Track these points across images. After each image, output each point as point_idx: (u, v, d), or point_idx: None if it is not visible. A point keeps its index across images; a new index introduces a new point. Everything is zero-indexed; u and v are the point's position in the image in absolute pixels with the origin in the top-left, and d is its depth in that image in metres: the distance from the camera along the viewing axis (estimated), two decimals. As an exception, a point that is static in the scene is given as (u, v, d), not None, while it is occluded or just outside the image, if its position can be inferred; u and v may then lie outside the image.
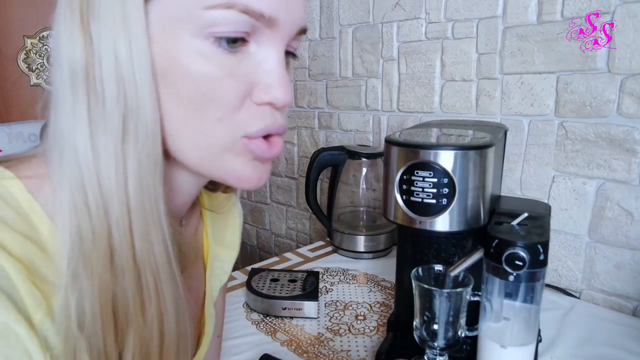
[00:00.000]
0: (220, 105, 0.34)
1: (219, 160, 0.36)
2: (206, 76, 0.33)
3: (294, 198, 1.54)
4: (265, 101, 0.35)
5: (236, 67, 0.33)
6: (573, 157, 0.88)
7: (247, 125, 0.35)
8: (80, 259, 0.32)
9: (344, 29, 1.26)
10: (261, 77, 0.34)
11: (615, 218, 0.85)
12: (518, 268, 0.51)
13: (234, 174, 0.36)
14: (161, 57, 0.32)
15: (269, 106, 0.36)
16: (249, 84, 0.34)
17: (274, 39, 0.34)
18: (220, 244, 0.55)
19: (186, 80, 0.33)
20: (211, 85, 0.33)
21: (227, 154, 0.35)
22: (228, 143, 0.35)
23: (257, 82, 0.35)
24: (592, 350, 0.71)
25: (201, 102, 0.33)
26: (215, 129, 0.34)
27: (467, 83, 1.02)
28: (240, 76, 0.34)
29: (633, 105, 0.80)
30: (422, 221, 0.59)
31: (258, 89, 0.35)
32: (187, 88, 0.33)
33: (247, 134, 0.35)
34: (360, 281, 0.99)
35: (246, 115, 0.35)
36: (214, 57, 0.33)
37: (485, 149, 0.57)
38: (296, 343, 0.75)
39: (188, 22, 0.32)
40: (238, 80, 0.34)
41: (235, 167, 0.36)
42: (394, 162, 0.60)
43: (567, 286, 0.92)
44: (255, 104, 0.35)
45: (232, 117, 0.34)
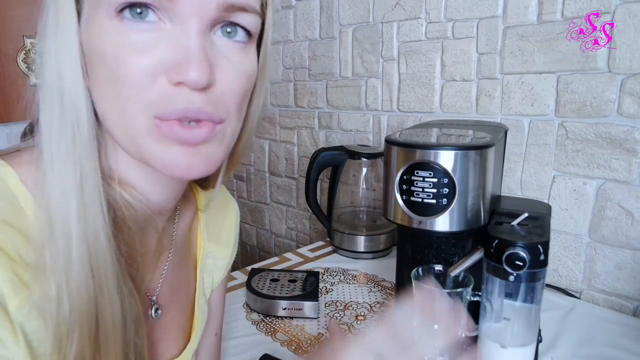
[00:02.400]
0: (127, 83, 0.33)
1: (143, 144, 0.35)
2: (113, 54, 0.33)
3: (294, 198, 1.54)
4: (177, 80, 0.33)
5: (147, 43, 0.33)
6: (573, 157, 0.88)
7: (157, 105, 0.33)
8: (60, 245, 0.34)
9: (344, 28, 1.26)
10: (174, 55, 0.33)
11: (615, 218, 0.85)
12: (518, 268, 0.51)
13: (159, 160, 0.35)
14: (86, 44, 0.34)
15: (185, 87, 0.33)
16: (161, 62, 0.33)
17: (184, 14, 0.33)
18: (214, 241, 0.55)
19: (100, 62, 0.34)
20: (117, 63, 0.33)
21: (148, 138, 0.34)
22: (142, 125, 0.34)
23: (170, 60, 0.33)
24: (593, 351, 0.71)
25: (112, 81, 0.33)
26: (127, 109, 0.34)
27: (467, 83, 1.02)
28: (152, 53, 0.33)
29: (633, 105, 0.80)
30: (422, 221, 0.58)
31: (172, 67, 0.33)
32: (102, 69, 0.34)
33: (157, 115, 0.34)
34: (360, 281, 0.99)
35: (157, 95, 0.33)
36: (122, 34, 0.33)
37: (486, 149, 0.57)
38: (296, 343, 0.75)
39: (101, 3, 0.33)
40: (147, 57, 0.33)
41: (157, 152, 0.35)
42: (394, 162, 0.60)
43: (567, 286, 0.92)
44: (170, 84, 0.33)
45: (141, 96, 0.33)
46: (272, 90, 1.53)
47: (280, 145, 1.54)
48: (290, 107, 1.48)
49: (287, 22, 1.42)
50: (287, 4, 1.40)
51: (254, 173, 1.68)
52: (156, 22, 0.33)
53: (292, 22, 1.41)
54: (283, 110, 1.50)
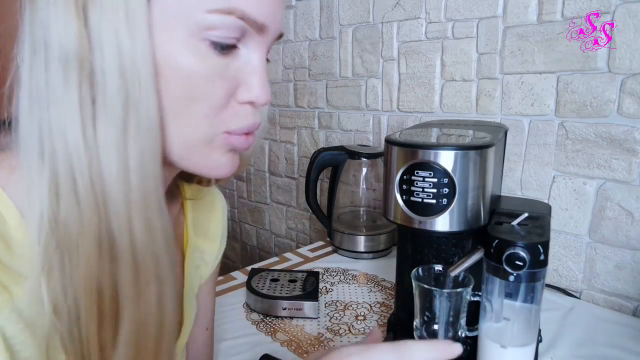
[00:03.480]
0: (208, 102, 0.35)
1: (197, 152, 0.37)
2: (198, 75, 0.34)
3: (294, 198, 1.54)
4: (248, 100, 0.37)
5: (226, 68, 0.35)
6: (573, 157, 0.88)
7: (229, 122, 0.37)
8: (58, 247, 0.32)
9: (344, 28, 1.26)
10: (246, 78, 0.37)
11: (615, 218, 0.85)
12: (518, 268, 0.51)
13: (210, 165, 0.38)
14: (159, 52, 0.33)
15: (250, 105, 0.38)
16: (235, 84, 0.36)
17: (260, 43, 0.37)
18: (201, 235, 0.55)
19: (179, 77, 0.34)
20: (202, 83, 0.34)
21: (206, 146, 0.37)
22: (209, 137, 0.37)
23: (242, 83, 0.37)
24: (593, 351, 0.71)
25: (191, 99, 0.35)
26: (200, 125, 0.36)
27: (467, 83, 1.02)
28: (229, 77, 0.36)
29: (633, 105, 0.80)
30: (422, 221, 0.58)
31: (242, 89, 0.37)
32: (179, 85, 0.34)
33: (228, 130, 0.37)
34: (360, 281, 0.99)
35: (230, 114, 0.37)
36: (207, 57, 0.34)
37: (486, 149, 0.57)
38: (296, 343, 0.75)
39: (187, 22, 0.33)
40: (226, 81, 0.36)
41: (212, 158, 0.38)
42: (394, 162, 0.60)
43: (567, 286, 0.92)
44: (238, 102, 0.37)
45: (217, 114, 0.36)
46: (272, 90, 1.53)
47: (280, 145, 1.54)
48: (290, 107, 1.48)
49: (287, 22, 1.42)
50: (287, 4, 1.40)
51: (254, 173, 1.68)
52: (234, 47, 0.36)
53: (292, 22, 1.41)
54: (283, 110, 1.50)
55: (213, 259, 0.58)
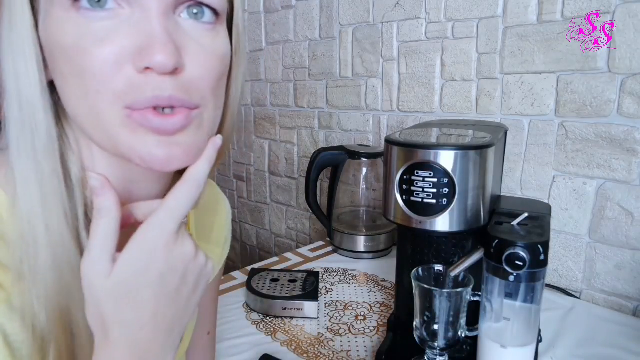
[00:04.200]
0: (93, 75, 0.31)
1: (117, 137, 0.33)
2: (73, 47, 0.31)
3: (294, 198, 1.54)
4: (143, 66, 0.31)
5: (107, 31, 0.31)
6: (573, 157, 0.88)
7: (127, 95, 0.32)
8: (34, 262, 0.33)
9: (344, 28, 1.26)
10: (138, 39, 0.31)
11: (615, 218, 0.85)
12: (518, 268, 0.51)
13: (136, 153, 0.33)
14: (45, 41, 0.33)
15: (153, 73, 0.32)
16: (125, 49, 0.31)
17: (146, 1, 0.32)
18: (204, 240, 0.55)
19: (62, 56, 0.32)
20: (79, 55, 0.31)
21: (122, 130, 0.33)
22: (114, 117, 0.32)
23: (136, 47, 0.31)
24: (593, 351, 0.71)
25: (77, 75, 0.32)
26: (96, 102, 0.32)
27: (467, 83, 1.02)
28: (113, 41, 0.31)
29: (633, 105, 0.80)
30: (422, 221, 0.58)
31: (137, 53, 0.31)
32: (64, 63, 0.32)
33: (128, 105, 0.32)
34: (360, 281, 0.99)
35: (125, 84, 0.31)
36: (80, 25, 0.31)
37: (486, 149, 0.57)
38: (296, 343, 0.75)
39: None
40: (109, 46, 0.31)
41: (133, 144, 0.33)
42: (394, 162, 0.60)
43: (567, 286, 0.92)
44: (137, 72, 0.32)
45: (108, 87, 0.31)
46: (272, 90, 1.53)
47: (280, 145, 1.54)
48: (290, 107, 1.48)
49: (287, 22, 1.42)
50: (287, 4, 1.40)
51: (254, 173, 1.68)
52: (115, 9, 0.31)
53: (292, 22, 1.41)
54: (283, 110, 1.50)
55: (216, 264, 0.57)
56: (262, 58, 1.54)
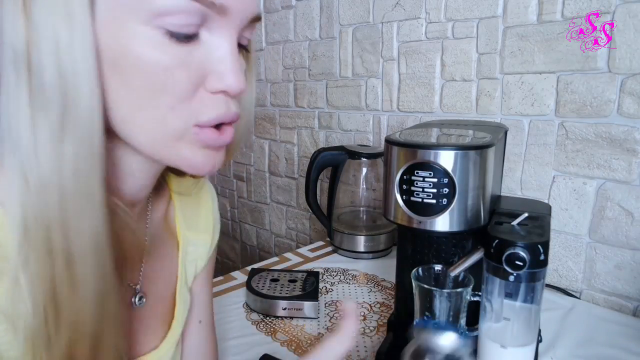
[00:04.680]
0: (172, 94, 0.33)
1: (171, 148, 0.36)
2: (157, 65, 0.32)
3: (294, 198, 1.54)
4: (219, 89, 0.35)
5: (188, 56, 0.33)
6: (573, 157, 0.88)
7: (199, 113, 0.35)
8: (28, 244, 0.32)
9: (344, 28, 1.26)
10: (214, 65, 0.34)
11: (615, 218, 0.85)
12: (518, 268, 0.51)
13: (186, 162, 0.37)
14: (111, 45, 0.32)
15: (223, 94, 0.36)
16: (201, 73, 0.34)
17: (225, 26, 0.34)
18: (193, 228, 0.55)
19: (137, 69, 0.32)
20: (163, 74, 0.33)
21: (179, 142, 0.36)
22: (180, 131, 0.35)
23: (210, 71, 0.34)
24: (593, 351, 0.71)
25: (153, 91, 0.33)
26: (168, 118, 0.34)
27: (467, 83, 1.02)
28: (192, 65, 0.34)
29: (633, 105, 0.80)
30: (422, 221, 0.58)
31: (211, 77, 0.35)
32: (138, 77, 0.32)
33: (198, 123, 0.35)
34: (360, 281, 0.99)
35: (199, 104, 0.35)
36: (165, 46, 0.32)
37: (486, 149, 0.57)
38: (296, 343, 0.75)
39: (138, 9, 0.31)
40: (190, 69, 0.33)
41: (186, 154, 0.36)
42: (394, 162, 0.60)
43: (567, 286, 0.92)
44: (209, 92, 0.35)
45: (184, 105, 0.34)
46: (272, 90, 1.53)
47: (280, 145, 1.54)
48: (290, 107, 1.48)
49: (287, 22, 1.42)
50: (287, 4, 1.40)
51: (254, 173, 1.68)
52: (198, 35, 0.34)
53: (292, 22, 1.41)
54: (283, 110, 1.51)
55: (206, 251, 0.57)
56: (262, 58, 1.54)
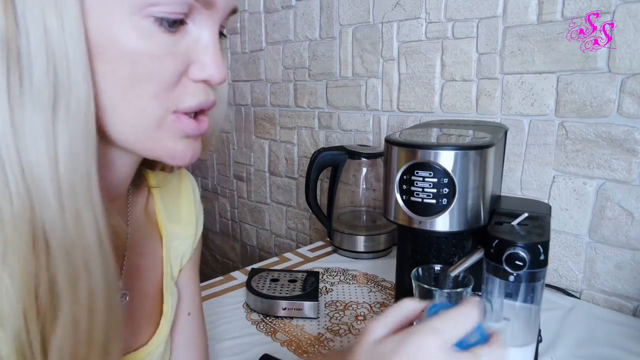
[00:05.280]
0: (157, 82, 0.34)
1: (152, 138, 0.36)
2: (145, 54, 0.33)
3: (294, 198, 1.54)
4: (201, 78, 0.36)
5: (175, 45, 0.34)
6: (573, 157, 0.88)
7: (180, 101, 0.36)
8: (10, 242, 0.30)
9: (344, 28, 1.26)
10: (198, 55, 0.35)
11: (615, 218, 0.85)
12: (518, 268, 0.51)
13: (167, 151, 0.37)
14: (97, 33, 0.32)
15: (204, 83, 0.37)
16: (186, 62, 0.35)
17: (209, 18, 0.35)
18: (175, 221, 0.54)
19: (124, 58, 0.32)
20: (150, 63, 0.33)
21: (159, 131, 0.36)
22: (159, 119, 0.35)
23: (194, 60, 0.35)
24: (593, 351, 0.71)
25: (138, 80, 0.33)
26: (150, 106, 0.34)
27: (467, 83, 1.02)
28: (179, 54, 0.34)
29: (633, 105, 0.80)
30: (422, 221, 0.58)
31: (194, 66, 0.36)
32: (124, 66, 0.33)
33: (177, 109, 0.36)
34: (360, 281, 0.99)
35: (180, 92, 0.36)
36: (153, 35, 0.33)
37: (486, 149, 0.57)
38: (296, 343, 0.75)
39: None
40: (176, 58, 0.34)
41: (167, 144, 0.37)
42: (394, 162, 0.60)
43: (567, 286, 0.92)
44: (191, 80, 0.36)
45: (167, 94, 0.35)
46: (272, 90, 1.53)
47: (280, 145, 1.54)
48: (290, 107, 1.48)
49: (287, 22, 1.42)
50: (287, 4, 1.40)
51: (254, 173, 1.68)
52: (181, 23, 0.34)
53: (292, 22, 1.41)
54: (283, 110, 1.51)
55: (191, 243, 0.56)
56: (262, 58, 1.54)
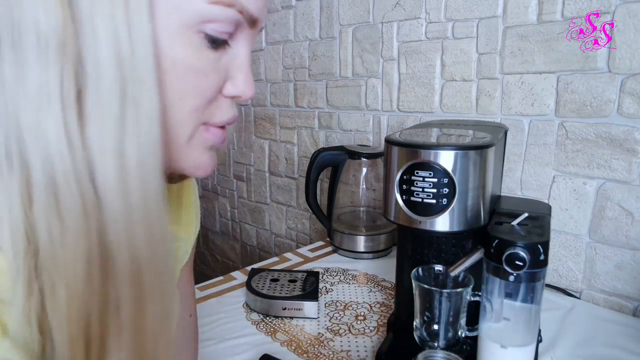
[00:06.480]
0: (201, 97, 0.34)
1: (182, 150, 0.35)
2: (195, 69, 0.33)
3: (294, 198, 1.54)
4: (234, 94, 0.37)
5: (218, 61, 0.34)
6: (573, 157, 0.88)
7: (211, 115, 0.36)
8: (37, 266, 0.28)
9: (344, 28, 1.26)
10: (234, 71, 0.36)
11: (615, 218, 0.85)
12: (518, 268, 0.51)
13: (192, 163, 0.37)
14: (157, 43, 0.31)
15: (232, 99, 0.37)
16: (224, 78, 0.36)
17: (248, 37, 0.36)
18: (177, 222, 0.53)
19: (175, 71, 0.32)
20: (196, 77, 0.33)
21: (189, 143, 0.35)
22: (192, 132, 0.35)
23: (230, 76, 0.36)
24: (593, 351, 0.71)
25: (183, 93, 0.33)
26: (189, 119, 0.34)
27: (467, 83, 1.02)
28: (220, 70, 0.35)
29: (633, 105, 0.80)
30: (422, 221, 0.58)
31: (229, 82, 0.36)
32: (173, 78, 0.32)
33: (206, 122, 0.36)
34: (360, 281, 0.99)
35: (215, 107, 0.36)
36: (202, 50, 0.33)
37: (486, 149, 0.57)
38: (296, 343, 0.75)
39: (186, 11, 0.31)
40: (219, 75, 0.35)
41: (194, 155, 0.37)
42: (394, 162, 0.60)
43: (567, 286, 0.92)
44: (224, 96, 0.36)
45: (206, 108, 0.35)
46: (272, 90, 1.53)
47: (280, 145, 1.54)
48: (290, 107, 1.48)
49: (287, 22, 1.42)
50: (287, 4, 1.40)
51: (254, 173, 1.68)
52: None
53: (292, 22, 1.41)
54: (283, 110, 1.51)
55: (191, 242, 0.56)
56: (262, 58, 1.54)
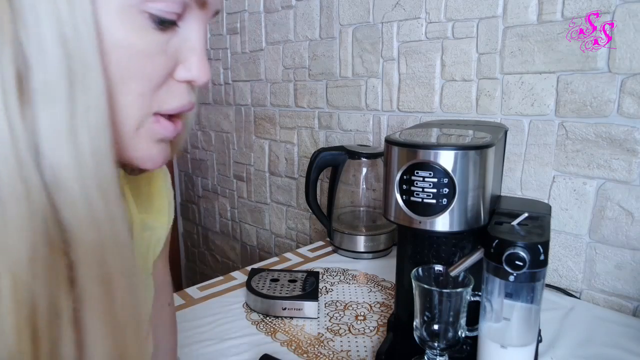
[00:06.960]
0: (147, 80, 0.33)
1: (130, 139, 0.34)
2: (137, 50, 0.31)
3: (294, 198, 1.54)
4: (187, 79, 0.35)
5: (165, 43, 0.33)
6: (573, 157, 0.88)
7: (163, 102, 0.34)
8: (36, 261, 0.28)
9: (344, 28, 1.26)
10: (185, 54, 0.34)
11: (615, 218, 0.85)
12: (518, 268, 0.51)
13: (140, 154, 0.35)
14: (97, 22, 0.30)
15: (187, 84, 0.35)
16: (174, 61, 0.34)
17: (199, 18, 0.35)
18: (147, 211, 0.51)
19: (116, 52, 0.30)
20: (141, 60, 0.32)
21: (137, 132, 0.34)
22: (141, 120, 0.34)
23: (181, 60, 0.34)
24: (593, 351, 0.71)
25: (127, 77, 0.31)
26: (135, 104, 0.33)
27: (467, 83, 1.02)
28: (169, 53, 0.33)
29: (633, 105, 0.80)
30: (422, 221, 0.58)
31: (181, 66, 0.35)
32: (116, 60, 0.30)
33: (160, 110, 0.34)
34: (360, 281, 0.99)
35: (165, 92, 0.34)
36: (145, 32, 0.31)
37: (486, 149, 0.57)
38: (296, 343, 0.75)
39: None
40: (167, 57, 0.33)
41: (142, 147, 0.35)
42: (394, 162, 0.60)
43: (567, 286, 0.92)
44: (176, 81, 0.35)
45: (153, 93, 0.33)
46: (272, 90, 1.53)
47: (280, 145, 1.54)
48: (290, 107, 1.48)
49: (287, 22, 1.42)
50: (287, 4, 1.40)
51: (254, 173, 1.68)
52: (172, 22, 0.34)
53: (292, 22, 1.41)
54: (283, 110, 1.51)
55: (165, 233, 0.54)
56: (262, 58, 1.54)
